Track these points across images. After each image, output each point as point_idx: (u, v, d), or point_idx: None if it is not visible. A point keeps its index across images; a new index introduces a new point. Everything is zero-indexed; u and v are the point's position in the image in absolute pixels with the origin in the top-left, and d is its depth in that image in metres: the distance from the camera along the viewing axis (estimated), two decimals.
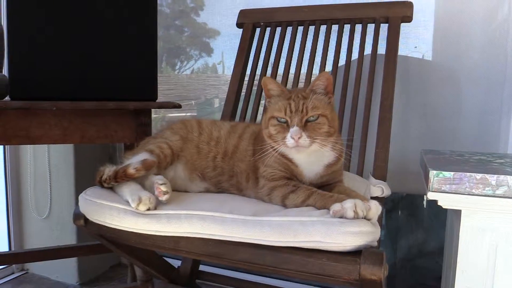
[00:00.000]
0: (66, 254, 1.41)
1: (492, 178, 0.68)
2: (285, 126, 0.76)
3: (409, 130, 1.42)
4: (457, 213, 0.75)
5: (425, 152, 0.95)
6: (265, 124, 0.79)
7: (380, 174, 1.03)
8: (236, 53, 1.38)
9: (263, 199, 0.79)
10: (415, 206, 1.55)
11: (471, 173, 0.69)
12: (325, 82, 0.78)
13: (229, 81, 1.36)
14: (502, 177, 0.68)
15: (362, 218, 0.64)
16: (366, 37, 1.25)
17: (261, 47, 1.35)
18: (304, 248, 0.64)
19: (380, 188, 0.95)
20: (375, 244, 0.64)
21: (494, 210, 0.71)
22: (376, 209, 0.65)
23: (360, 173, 1.09)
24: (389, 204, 1.53)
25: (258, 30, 1.38)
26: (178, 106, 1.13)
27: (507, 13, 1.26)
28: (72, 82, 1.03)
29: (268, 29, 1.36)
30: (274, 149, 0.77)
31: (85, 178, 1.56)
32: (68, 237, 1.59)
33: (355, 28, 1.27)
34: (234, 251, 0.67)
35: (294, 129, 0.73)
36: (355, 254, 0.61)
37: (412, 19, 1.22)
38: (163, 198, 0.74)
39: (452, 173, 0.69)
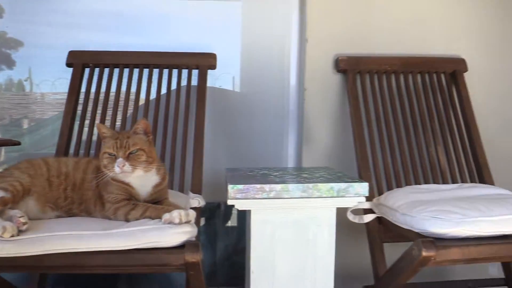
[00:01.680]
0: None
1: (266, 187, 1.05)
2: (114, 158, 1.02)
3: (220, 151, 1.78)
4: (248, 212, 1.10)
5: (228, 170, 1.30)
6: (101, 158, 1.05)
7: (197, 189, 1.36)
8: (46, 69, 1.52)
9: (110, 218, 1.03)
10: (229, 212, 1.92)
11: (254, 184, 1.05)
12: (143, 126, 1.08)
13: (38, 100, 1.51)
14: (272, 185, 1.06)
15: (184, 222, 0.94)
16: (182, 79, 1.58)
17: (90, 87, 1.55)
18: (145, 248, 0.90)
19: (197, 200, 1.27)
20: (194, 238, 0.94)
21: (270, 208, 1.09)
22: (192, 215, 0.96)
23: (181, 189, 1.40)
24: (207, 213, 1.86)
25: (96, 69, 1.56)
26: (17, 143, 1.26)
27: (288, 60, 1.74)
28: None
29: (97, 69, 1.57)
30: (108, 175, 1.02)
31: None
32: None
33: (172, 72, 1.59)
34: (91, 259, 0.89)
35: (119, 160, 1.01)
36: (181, 247, 0.90)
37: (216, 67, 1.59)
38: (23, 227, 0.91)
39: (242, 185, 1.04)
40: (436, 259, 0.95)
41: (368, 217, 1.32)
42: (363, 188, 1.08)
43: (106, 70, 1.57)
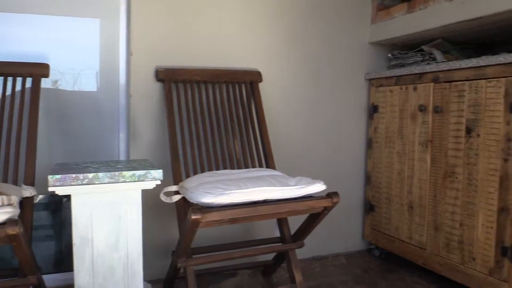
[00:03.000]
0: None
1: (80, 176, 1.36)
2: None
3: (57, 148, 2.01)
4: (69, 197, 1.40)
5: (56, 165, 1.57)
6: None
7: (29, 182, 1.59)
8: None
9: None
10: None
11: (70, 174, 1.34)
12: None
13: None
14: (85, 174, 1.36)
15: (7, 205, 1.20)
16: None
17: None
18: None
19: (28, 191, 1.52)
20: (16, 217, 1.21)
21: (87, 193, 1.39)
22: (14, 199, 1.23)
23: (15, 182, 1.62)
24: (53, 205, 2.07)
25: None
26: None
27: (118, 70, 2.04)
28: None
29: None
30: None
31: None
32: None
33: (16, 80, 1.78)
34: None
35: None
36: (4, 224, 1.17)
37: (48, 75, 1.82)
38: None
39: (60, 175, 1.33)
40: (203, 221, 1.36)
41: (175, 198, 1.70)
42: (158, 173, 1.45)
43: None
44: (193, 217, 1.33)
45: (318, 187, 1.63)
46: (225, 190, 1.43)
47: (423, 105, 2.01)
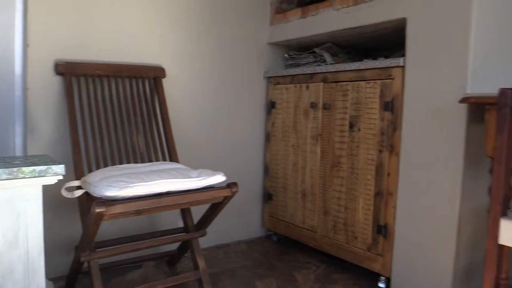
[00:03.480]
0: None
1: None
2: None
3: None
4: None
5: None
6: None
7: None
8: None
9: None
10: None
11: None
12: None
13: None
14: None
15: None
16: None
17: None
18: None
19: None
20: None
21: None
22: None
23: None
24: None
25: None
26: None
27: (13, 62, 1.95)
28: None
29: None
30: None
31: None
32: None
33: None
34: None
35: None
36: None
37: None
38: None
39: None
40: (107, 213, 1.40)
41: (78, 193, 1.71)
42: (60, 168, 1.45)
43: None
44: (97, 210, 1.37)
45: (218, 178, 1.74)
46: (129, 183, 1.48)
47: (314, 103, 2.23)
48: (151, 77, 2.16)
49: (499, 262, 1.41)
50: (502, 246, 1.40)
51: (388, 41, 2.30)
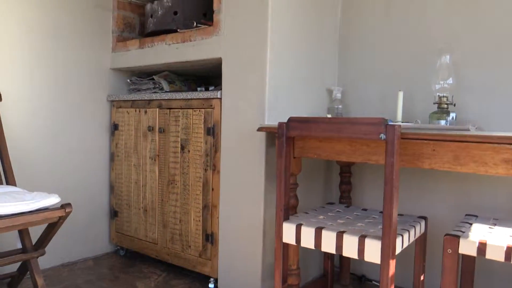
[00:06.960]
0: None
1: None
2: None
3: None
4: None
5: None
6: None
7: None
8: None
9: None
10: None
11: None
12: None
13: None
14: None
15: None
16: None
17: None
18: None
19: None
20: None
21: None
22: None
23: None
24: None
25: None
26: None
27: None
28: None
29: None
30: None
31: None
32: None
33: None
34: None
35: None
36: None
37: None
38: None
39: None
40: None
41: None
42: None
43: None
44: None
45: (53, 200, 1.87)
46: None
47: (151, 126, 2.46)
48: None
49: (285, 256, 1.80)
50: (287, 244, 1.80)
51: (220, 71, 2.64)
